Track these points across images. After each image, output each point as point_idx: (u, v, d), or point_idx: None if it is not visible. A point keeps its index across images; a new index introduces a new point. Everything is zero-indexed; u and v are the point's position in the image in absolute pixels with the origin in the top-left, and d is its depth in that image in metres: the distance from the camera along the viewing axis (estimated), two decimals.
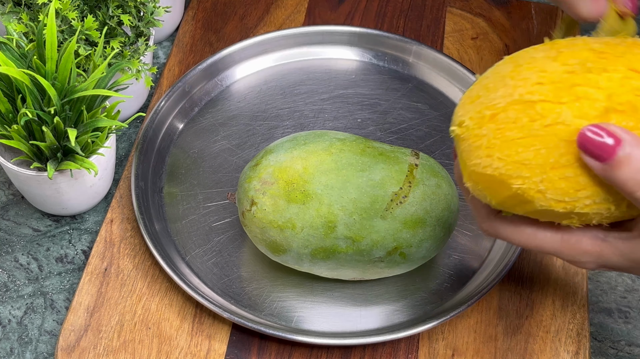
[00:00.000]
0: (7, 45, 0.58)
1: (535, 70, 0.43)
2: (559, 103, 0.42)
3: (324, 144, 0.57)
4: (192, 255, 0.62)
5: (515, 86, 0.43)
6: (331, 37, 0.76)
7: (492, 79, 0.44)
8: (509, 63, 0.45)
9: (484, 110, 0.43)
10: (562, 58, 0.43)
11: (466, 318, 0.60)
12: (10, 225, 0.65)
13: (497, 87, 0.44)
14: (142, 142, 0.67)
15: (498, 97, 0.43)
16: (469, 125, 0.44)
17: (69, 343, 0.58)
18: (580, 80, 0.42)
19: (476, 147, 0.44)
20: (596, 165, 0.41)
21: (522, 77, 0.43)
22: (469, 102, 0.45)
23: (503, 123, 0.43)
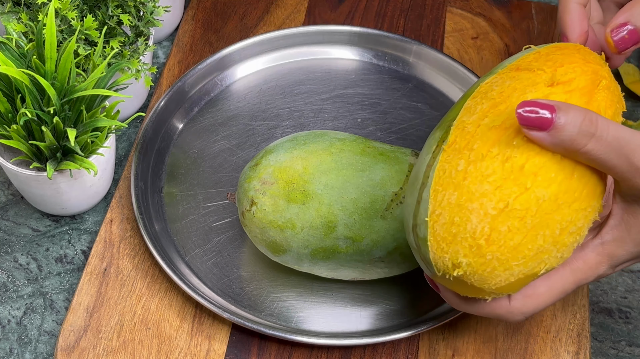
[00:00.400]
0: (6, 45, 0.58)
1: (481, 181, 0.44)
2: (527, 190, 0.43)
3: (324, 144, 0.57)
4: (192, 255, 0.62)
5: (482, 206, 0.44)
6: (331, 37, 0.75)
7: (451, 213, 0.44)
8: (449, 193, 0.44)
9: (475, 241, 0.44)
10: (484, 152, 0.44)
11: (466, 318, 0.60)
12: (10, 225, 0.65)
13: (465, 217, 0.44)
14: (141, 141, 0.66)
15: (476, 224, 0.44)
16: (469, 261, 0.44)
17: (68, 344, 0.58)
18: (521, 160, 0.44)
19: (490, 271, 0.44)
20: (543, 136, 0.43)
21: (480, 194, 0.44)
22: (446, 243, 0.45)
23: (501, 239, 0.44)
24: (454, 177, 0.44)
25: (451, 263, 0.45)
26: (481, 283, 0.45)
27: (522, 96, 0.45)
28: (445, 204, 0.44)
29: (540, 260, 0.45)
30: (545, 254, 0.44)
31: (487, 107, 0.46)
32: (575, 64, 0.47)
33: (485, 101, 0.46)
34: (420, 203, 0.47)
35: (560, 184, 0.44)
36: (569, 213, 0.44)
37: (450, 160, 0.45)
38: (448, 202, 0.44)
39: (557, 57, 0.48)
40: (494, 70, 0.50)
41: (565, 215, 0.44)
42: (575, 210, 0.44)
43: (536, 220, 0.43)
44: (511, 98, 0.46)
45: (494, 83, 0.47)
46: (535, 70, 0.47)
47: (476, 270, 0.44)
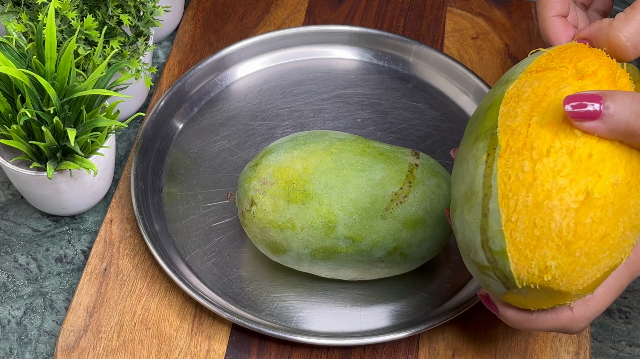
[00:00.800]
0: (6, 45, 0.58)
1: (554, 176, 0.43)
2: (600, 177, 0.43)
3: (324, 144, 0.57)
4: (192, 255, 0.62)
5: (563, 201, 0.42)
6: (331, 37, 0.76)
7: (530, 215, 0.43)
8: (525, 195, 0.43)
9: (562, 239, 0.42)
10: (548, 149, 0.44)
11: (466, 318, 0.60)
12: (10, 225, 0.65)
13: (548, 216, 0.42)
14: (141, 141, 0.66)
15: (561, 221, 0.42)
16: (558, 262, 0.43)
17: (68, 344, 0.58)
18: (586, 149, 0.43)
19: (579, 270, 0.43)
20: (597, 125, 0.43)
21: (557, 190, 0.42)
22: (529, 249, 0.43)
23: (587, 232, 0.43)
24: (523, 180, 0.43)
25: (538, 269, 0.43)
26: (569, 285, 0.44)
27: (560, 91, 0.45)
28: (521, 208, 0.43)
29: (622, 248, 0.44)
30: (626, 241, 0.44)
31: (528, 108, 0.45)
32: (589, 58, 0.47)
33: (523, 103, 0.45)
34: (487, 215, 0.44)
35: (625, 167, 0.43)
36: (639, 195, 0.44)
37: (512, 164, 0.44)
38: (524, 205, 0.43)
39: (570, 55, 0.48)
40: (508, 77, 0.49)
41: (637, 198, 0.44)
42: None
43: (615, 207, 0.43)
44: (550, 95, 0.45)
45: (521, 87, 0.47)
46: (557, 68, 0.46)
47: (565, 271, 0.43)
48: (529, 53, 0.52)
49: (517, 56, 0.77)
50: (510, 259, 0.43)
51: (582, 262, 0.43)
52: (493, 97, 0.49)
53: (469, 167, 0.47)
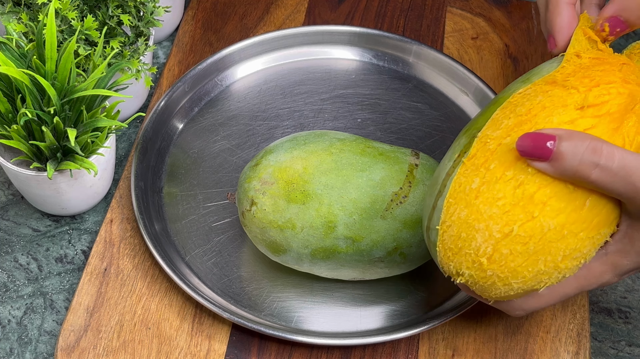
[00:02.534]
0: (6, 45, 0.58)
1: (491, 202, 0.45)
2: (534, 218, 0.44)
3: (324, 144, 0.57)
4: (192, 255, 0.62)
5: (487, 227, 0.45)
6: (331, 37, 0.76)
7: (460, 228, 0.46)
8: (461, 209, 0.46)
9: (477, 258, 0.46)
10: (499, 175, 0.45)
11: (466, 318, 0.60)
12: (10, 225, 0.65)
13: (472, 235, 0.45)
14: (141, 141, 0.66)
15: (481, 244, 0.45)
16: (471, 273, 0.46)
17: (68, 343, 0.58)
18: (533, 188, 0.44)
19: (490, 284, 0.47)
20: (545, 166, 0.43)
21: (487, 216, 0.45)
22: (452, 253, 0.47)
23: (502, 260, 0.45)
24: (467, 194, 0.46)
25: (455, 271, 0.47)
26: (481, 292, 0.47)
27: (548, 118, 0.45)
28: (455, 218, 0.46)
29: (539, 280, 0.46)
30: (545, 276, 0.46)
31: (512, 124, 0.46)
32: (613, 85, 0.46)
33: (513, 117, 0.46)
34: (434, 209, 0.48)
35: (569, 215, 0.44)
36: (574, 242, 0.45)
37: (467, 174, 0.46)
38: (458, 217, 0.46)
39: (595, 74, 0.47)
40: (531, 75, 0.49)
41: (570, 244, 0.45)
42: (581, 238, 0.45)
43: (539, 247, 0.44)
44: (537, 119, 0.45)
45: (526, 96, 0.47)
46: (569, 89, 0.46)
47: (477, 281, 0.47)
48: (566, 49, 0.50)
49: (517, 56, 0.77)
50: (438, 253, 0.48)
51: (493, 280, 0.46)
52: (504, 93, 0.50)
53: (446, 156, 0.50)
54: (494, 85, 0.74)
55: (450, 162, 0.49)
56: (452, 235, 0.46)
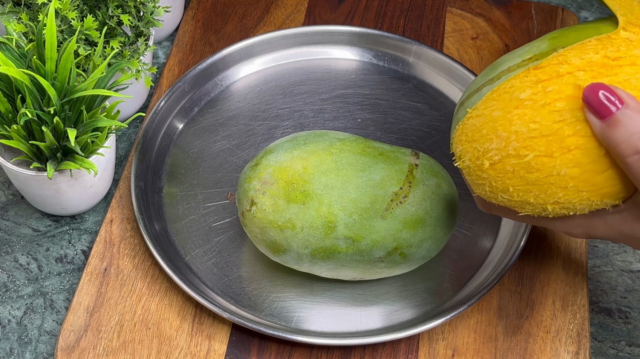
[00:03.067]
0: (6, 45, 0.58)
1: (526, 121, 0.44)
2: (551, 157, 0.44)
3: (324, 144, 0.57)
4: (192, 255, 0.62)
5: (508, 139, 0.45)
6: (331, 37, 0.76)
7: (485, 123, 0.46)
8: (497, 108, 0.46)
9: (482, 158, 0.46)
10: (549, 101, 0.44)
11: (466, 318, 0.60)
12: (10, 225, 0.65)
13: (490, 136, 0.46)
14: (141, 142, 0.66)
15: (493, 149, 0.46)
16: (470, 165, 0.47)
17: (68, 343, 0.58)
18: (569, 131, 0.44)
19: (479, 184, 0.48)
20: (595, 122, 0.43)
21: (514, 130, 0.45)
22: (465, 139, 0.47)
23: (502, 173, 0.46)
24: (511, 100, 0.45)
25: (458, 154, 0.48)
26: (470, 183, 0.49)
27: (631, 77, 0.44)
28: (487, 112, 0.46)
29: (522, 208, 0.47)
30: (529, 207, 0.46)
31: (596, 61, 0.44)
32: None
33: (602, 54, 0.44)
34: (478, 92, 0.48)
35: (584, 172, 0.44)
36: (573, 196, 0.45)
37: (523, 81, 0.45)
38: (490, 113, 0.46)
39: None
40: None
41: (568, 195, 0.45)
42: (582, 197, 0.45)
43: (539, 182, 0.45)
44: (621, 71, 0.44)
45: (628, 41, 0.45)
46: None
47: (471, 175, 0.48)
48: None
49: None
50: (455, 131, 0.49)
51: (484, 182, 0.47)
52: (617, 17, 0.47)
53: (521, 48, 0.49)
54: None
55: (519, 59, 0.47)
56: (476, 125, 0.46)
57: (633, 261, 0.65)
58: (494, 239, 0.64)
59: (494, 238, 0.64)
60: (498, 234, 0.64)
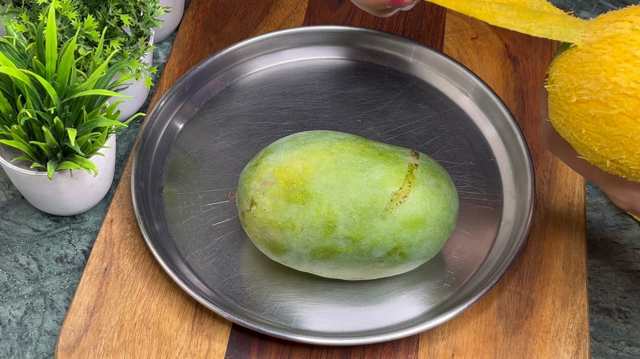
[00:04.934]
0: (7, 45, 0.58)
1: (629, 77, 0.45)
2: (635, 120, 0.45)
3: (324, 144, 0.57)
4: (192, 255, 0.63)
5: (604, 86, 0.45)
6: (331, 37, 0.76)
7: (591, 61, 0.46)
8: (609, 53, 0.46)
9: (572, 92, 0.46)
10: None
11: (466, 318, 0.60)
12: (10, 225, 0.65)
13: (590, 76, 0.46)
14: (142, 142, 0.67)
15: (586, 88, 0.46)
16: (558, 92, 0.48)
17: (69, 343, 0.58)
18: None
19: (558, 113, 0.48)
20: None
21: (614, 80, 0.45)
22: (566, 67, 0.47)
23: (583, 113, 0.46)
24: (625, 52, 0.45)
25: (552, 79, 0.49)
26: (550, 107, 0.49)
27: None
28: (598, 53, 0.46)
29: (584, 150, 0.48)
30: (590, 153, 0.47)
31: None
32: None
33: None
34: (600, 21, 0.48)
35: None
36: (635, 162, 0.46)
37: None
38: (600, 55, 0.46)
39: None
40: None
41: (631, 160, 0.46)
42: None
43: (611, 137, 0.45)
44: None
45: None
46: None
47: (554, 99, 0.48)
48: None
49: (517, 56, 0.77)
50: (559, 54, 0.49)
51: (562, 118, 0.48)
52: None
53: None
54: (494, 85, 0.74)
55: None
56: (582, 59, 0.46)
57: (633, 261, 0.65)
58: (494, 239, 0.64)
59: (494, 238, 0.64)
60: (498, 234, 0.64)
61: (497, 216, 0.65)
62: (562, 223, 0.65)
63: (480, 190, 0.67)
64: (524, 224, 0.62)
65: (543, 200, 0.67)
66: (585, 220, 0.66)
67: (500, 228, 0.64)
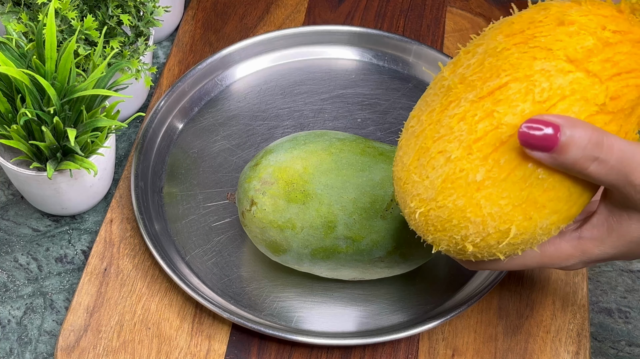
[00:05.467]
0: (6, 45, 0.58)
1: (494, 201, 0.43)
2: (530, 219, 0.43)
3: (324, 144, 0.57)
4: (192, 255, 0.62)
5: (484, 223, 0.43)
6: (331, 37, 0.76)
7: (452, 213, 0.44)
8: (461, 197, 0.44)
9: (463, 243, 0.44)
10: (506, 176, 0.43)
11: (466, 318, 0.60)
12: (10, 225, 0.65)
13: (464, 225, 0.44)
14: (141, 141, 0.66)
15: (471, 234, 0.44)
16: (449, 250, 0.46)
17: (68, 343, 0.58)
18: (538, 191, 0.43)
19: (465, 257, 0.46)
20: (544, 157, 0.42)
21: (488, 213, 0.43)
22: (434, 229, 0.45)
23: (487, 247, 0.45)
24: (469, 185, 0.43)
25: (432, 242, 0.46)
26: (454, 255, 0.47)
27: (567, 109, 0.42)
28: (450, 204, 0.44)
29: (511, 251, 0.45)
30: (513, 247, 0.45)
31: (529, 111, 0.42)
32: (633, 74, 0.43)
33: (530, 100, 0.42)
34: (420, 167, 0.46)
35: (561, 214, 0.44)
36: (548, 228, 0.44)
37: (471, 161, 0.43)
38: (454, 204, 0.44)
39: (618, 57, 0.43)
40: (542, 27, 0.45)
41: (547, 231, 0.44)
42: (550, 228, 0.44)
43: (525, 240, 0.44)
44: (555, 109, 0.42)
45: (546, 73, 0.43)
46: (591, 76, 0.43)
47: (454, 255, 0.46)
48: None
49: None
50: (416, 222, 0.46)
51: (470, 256, 0.46)
52: (509, 41, 0.46)
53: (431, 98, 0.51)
54: None
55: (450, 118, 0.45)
56: (442, 217, 0.44)
57: (633, 261, 0.65)
58: None
59: None
60: None
61: None
62: None
63: None
64: None
65: None
66: None
67: None
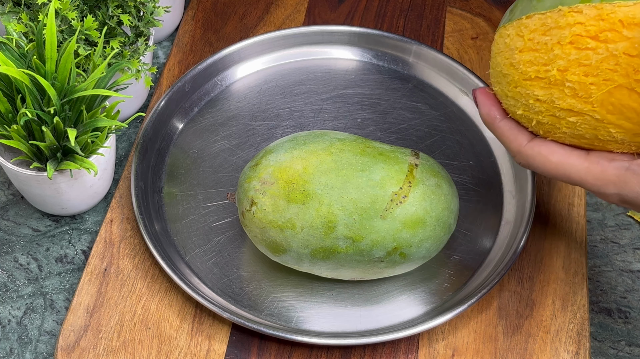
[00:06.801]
0: (6, 45, 0.58)
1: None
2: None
3: (324, 144, 0.57)
4: (192, 255, 0.62)
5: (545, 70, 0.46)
6: (331, 37, 0.76)
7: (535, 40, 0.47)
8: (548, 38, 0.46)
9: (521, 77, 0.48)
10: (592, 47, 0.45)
11: (466, 318, 0.60)
12: (10, 225, 0.65)
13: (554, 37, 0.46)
14: (141, 141, 0.67)
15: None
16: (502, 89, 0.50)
17: (68, 343, 0.58)
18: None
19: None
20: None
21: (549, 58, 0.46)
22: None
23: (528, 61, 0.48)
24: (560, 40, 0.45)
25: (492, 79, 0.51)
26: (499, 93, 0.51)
27: None
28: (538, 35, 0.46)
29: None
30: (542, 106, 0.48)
31: None
32: None
33: None
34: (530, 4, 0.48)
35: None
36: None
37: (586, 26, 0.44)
38: (541, 39, 0.46)
39: None
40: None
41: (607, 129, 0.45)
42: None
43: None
44: None
45: None
46: None
47: (501, 96, 0.51)
48: None
49: None
50: (497, 52, 0.51)
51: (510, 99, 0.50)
52: None
53: None
54: None
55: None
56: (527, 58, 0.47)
57: (633, 261, 0.65)
58: (494, 239, 0.64)
59: (494, 238, 0.64)
60: (498, 234, 0.64)
61: (497, 216, 0.65)
62: (562, 223, 0.65)
63: (480, 190, 0.67)
64: (524, 224, 0.62)
65: (543, 200, 0.67)
66: (586, 220, 0.66)
67: (500, 228, 0.64)
